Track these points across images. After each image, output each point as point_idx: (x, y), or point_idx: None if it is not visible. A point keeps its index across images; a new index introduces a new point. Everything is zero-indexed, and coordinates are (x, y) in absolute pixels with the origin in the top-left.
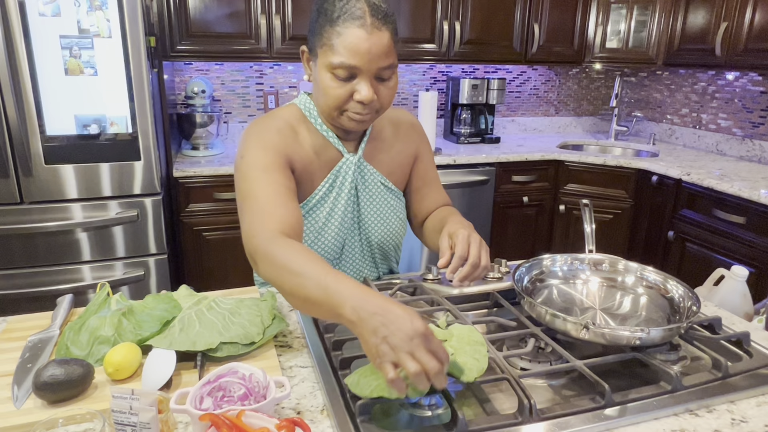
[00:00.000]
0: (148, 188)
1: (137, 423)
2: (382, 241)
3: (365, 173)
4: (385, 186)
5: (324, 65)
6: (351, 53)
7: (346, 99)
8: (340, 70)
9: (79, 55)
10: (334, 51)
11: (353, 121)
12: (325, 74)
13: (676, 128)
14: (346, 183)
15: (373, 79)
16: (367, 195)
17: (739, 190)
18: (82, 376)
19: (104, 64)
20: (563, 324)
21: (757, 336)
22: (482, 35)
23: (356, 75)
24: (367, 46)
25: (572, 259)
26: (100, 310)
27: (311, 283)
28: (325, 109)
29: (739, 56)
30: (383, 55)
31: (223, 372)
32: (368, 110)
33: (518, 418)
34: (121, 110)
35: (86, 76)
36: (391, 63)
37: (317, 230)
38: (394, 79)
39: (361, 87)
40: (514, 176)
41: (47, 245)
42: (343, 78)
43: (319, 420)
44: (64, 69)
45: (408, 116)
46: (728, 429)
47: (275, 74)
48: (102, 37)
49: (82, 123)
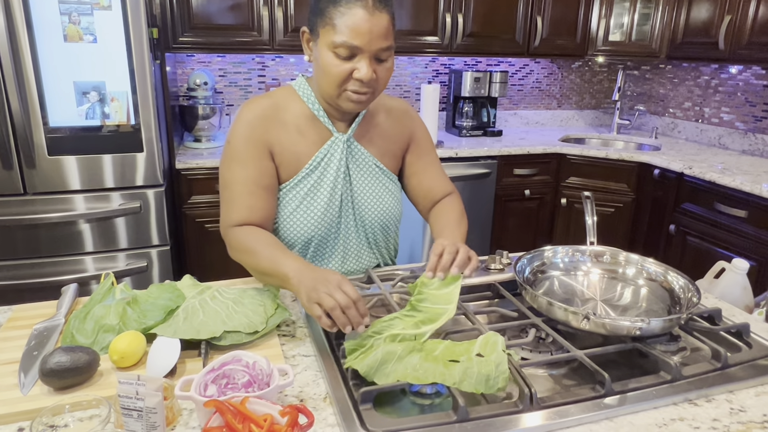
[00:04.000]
0: (151, 180)
1: (143, 408)
2: (377, 222)
3: (356, 153)
4: (377, 167)
5: (326, 44)
6: (353, 33)
7: (346, 77)
8: (342, 49)
9: (78, 22)
10: (336, 30)
11: (351, 101)
12: (327, 53)
13: (678, 122)
14: (333, 160)
15: (372, 59)
16: (360, 174)
17: (741, 184)
18: (88, 363)
19: (104, 31)
20: (564, 314)
21: (757, 327)
22: (485, 28)
23: (356, 54)
24: (368, 27)
25: (573, 251)
26: (105, 299)
27: (265, 260)
28: (326, 87)
29: (743, 50)
30: (383, 37)
31: (227, 360)
32: (366, 89)
33: (519, 407)
34: (121, 84)
35: (85, 43)
36: (390, 45)
37: (299, 205)
38: (391, 61)
39: (361, 65)
40: (515, 169)
41: (50, 236)
42: (344, 57)
43: (322, 407)
44: (63, 35)
45: (401, 103)
46: (727, 418)
47: (277, 66)
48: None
49: (81, 90)
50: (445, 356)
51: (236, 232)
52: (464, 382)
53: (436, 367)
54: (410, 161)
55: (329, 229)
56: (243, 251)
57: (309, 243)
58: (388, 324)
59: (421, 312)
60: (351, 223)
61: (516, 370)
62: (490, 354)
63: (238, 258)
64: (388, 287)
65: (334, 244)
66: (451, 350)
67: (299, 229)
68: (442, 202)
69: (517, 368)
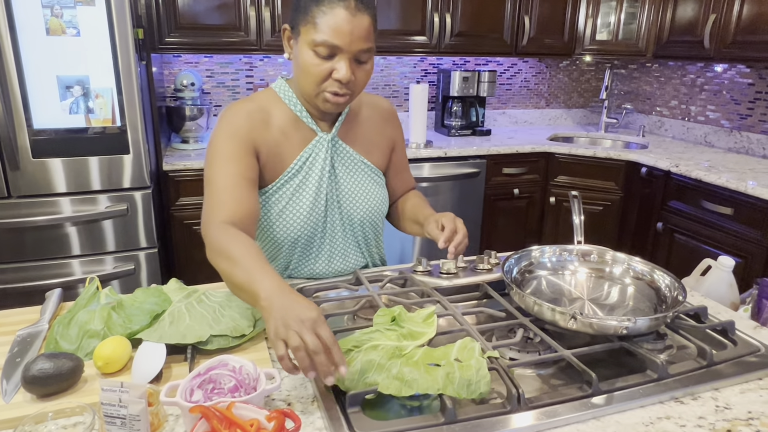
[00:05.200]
0: (138, 182)
1: (127, 415)
2: (365, 219)
3: (342, 152)
4: (364, 163)
5: (306, 42)
6: (334, 32)
7: (324, 77)
8: (322, 48)
9: (60, 15)
10: (317, 29)
11: (328, 102)
12: (307, 51)
13: (665, 120)
14: (318, 160)
15: (352, 60)
16: (346, 172)
17: (727, 182)
18: (72, 370)
19: (87, 25)
20: (551, 314)
21: (742, 325)
22: (473, 27)
23: (336, 54)
24: (349, 28)
25: (561, 250)
26: (90, 304)
27: (241, 272)
28: (305, 86)
29: (728, 48)
30: (363, 38)
31: (213, 364)
32: (345, 90)
33: (507, 407)
34: (106, 81)
35: (69, 37)
36: (370, 47)
37: (286, 205)
38: (371, 64)
39: (341, 66)
40: (504, 168)
41: (36, 240)
42: (323, 56)
43: (310, 411)
44: (45, 29)
45: (387, 103)
46: (712, 416)
47: (265, 66)
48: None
49: (65, 84)
50: (425, 360)
51: (219, 232)
52: (448, 388)
53: (417, 373)
54: (389, 165)
55: (315, 229)
56: (221, 255)
57: (296, 244)
58: (368, 337)
59: (403, 329)
60: (337, 223)
61: (503, 370)
62: (468, 359)
63: (214, 261)
64: (376, 288)
65: (321, 244)
66: (429, 355)
67: (286, 229)
68: (409, 192)
69: (505, 369)
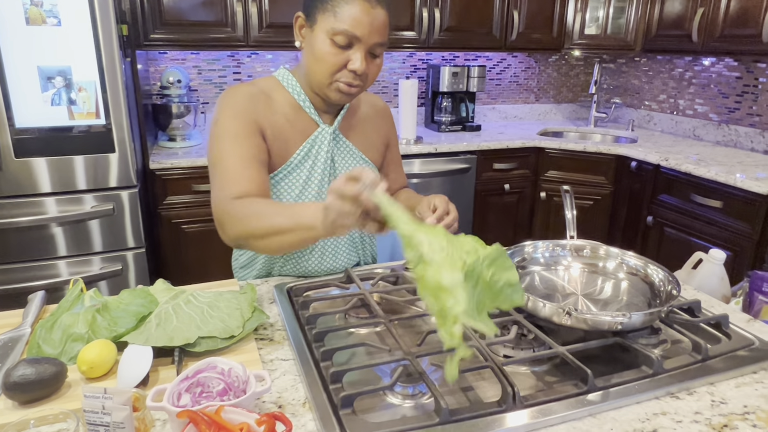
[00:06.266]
0: (124, 181)
1: (110, 423)
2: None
3: (341, 145)
4: (362, 159)
5: (324, 30)
6: (355, 22)
7: (339, 66)
8: (341, 37)
9: (40, 3)
10: (337, 17)
11: (340, 92)
12: (324, 39)
13: (654, 114)
14: (321, 152)
15: (367, 52)
16: (345, 166)
17: (716, 175)
18: (55, 375)
19: (68, 14)
20: (545, 310)
21: (735, 318)
22: (462, 22)
23: (353, 44)
24: (369, 19)
25: (554, 246)
26: (73, 307)
27: (280, 218)
28: (317, 75)
29: (715, 42)
30: (380, 31)
31: (201, 367)
32: (358, 81)
33: (502, 406)
34: (89, 74)
35: (49, 27)
36: (384, 41)
37: (300, 194)
38: (382, 59)
39: (356, 57)
40: (495, 164)
41: (20, 241)
42: (341, 45)
43: (301, 413)
44: (25, 18)
45: (382, 101)
46: (708, 411)
47: (253, 63)
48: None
49: (46, 75)
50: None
51: (237, 204)
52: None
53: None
54: (383, 161)
55: None
56: (251, 218)
57: None
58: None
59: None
60: None
61: (498, 368)
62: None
63: (247, 228)
64: (368, 287)
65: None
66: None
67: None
68: (401, 190)
69: (500, 366)
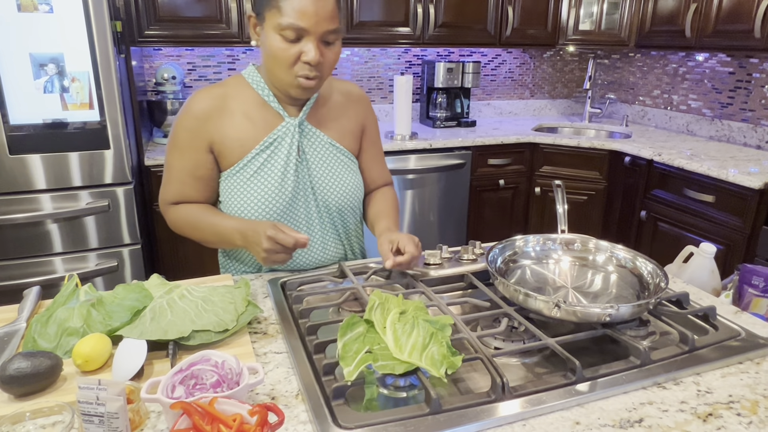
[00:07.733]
0: (119, 177)
1: (104, 413)
2: (342, 203)
3: (311, 136)
4: (335, 147)
5: (272, 27)
6: (299, 15)
7: (293, 60)
8: (288, 31)
9: None
10: (282, 12)
11: (300, 87)
12: (274, 36)
13: (648, 109)
14: (284, 143)
15: (319, 41)
16: (317, 157)
17: (709, 170)
18: (50, 369)
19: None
20: (535, 303)
21: (723, 310)
22: (456, 18)
23: (303, 36)
24: (314, 9)
25: (544, 240)
26: (69, 302)
27: (206, 233)
28: (276, 72)
29: (708, 38)
30: (329, 19)
31: (195, 360)
32: (315, 72)
33: (491, 396)
34: (82, 63)
35: (41, 13)
36: (336, 27)
37: (245, 185)
38: (338, 45)
39: (309, 48)
40: (490, 159)
41: (16, 238)
42: (290, 39)
43: (294, 405)
44: (16, 5)
45: (357, 88)
46: (694, 400)
47: (248, 59)
48: None
49: (39, 62)
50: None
51: (173, 208)
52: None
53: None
54: (362, 148)
55: (283, 214)
56: (183, 225)
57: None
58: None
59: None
60: (313, 210)
61: (488, 359)
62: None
63: (179, 230)
64: (361, 281)
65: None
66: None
67: (246, 212)
68: (380, 189)
69: (490, 358)
